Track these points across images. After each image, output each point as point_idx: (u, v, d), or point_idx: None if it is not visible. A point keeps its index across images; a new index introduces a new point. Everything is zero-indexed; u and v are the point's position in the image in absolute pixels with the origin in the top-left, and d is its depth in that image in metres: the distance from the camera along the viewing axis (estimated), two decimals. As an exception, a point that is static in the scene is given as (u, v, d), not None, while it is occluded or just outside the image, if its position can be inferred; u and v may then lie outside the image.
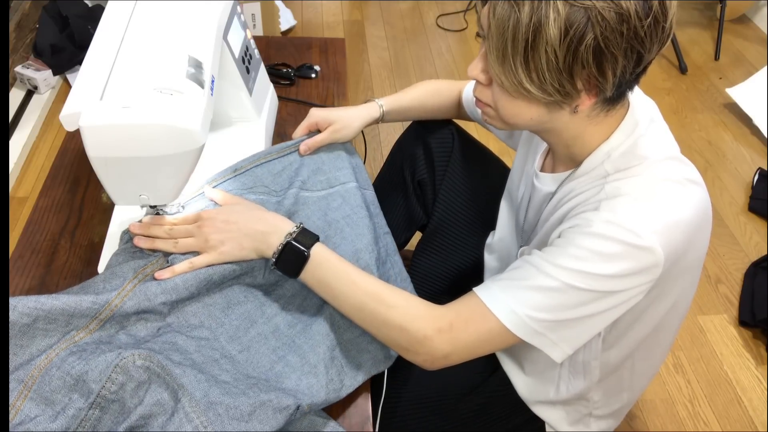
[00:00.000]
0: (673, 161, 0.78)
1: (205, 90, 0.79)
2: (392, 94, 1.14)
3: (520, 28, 0.66)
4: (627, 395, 0.96)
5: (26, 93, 2.17)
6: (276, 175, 1.01)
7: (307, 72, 1.37)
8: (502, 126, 0.81)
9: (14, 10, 2.13)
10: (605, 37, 0.65)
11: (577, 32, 0.65)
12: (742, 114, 2.36)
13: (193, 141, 0.75)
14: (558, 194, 0.86)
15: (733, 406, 1.53)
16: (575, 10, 0.64)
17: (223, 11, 0.96)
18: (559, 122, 0.77)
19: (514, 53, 0.68)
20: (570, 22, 0.65)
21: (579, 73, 0.68)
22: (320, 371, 0.82)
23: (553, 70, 0.68)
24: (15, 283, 0.93)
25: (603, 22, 0.65)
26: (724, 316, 1.73)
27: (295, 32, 2.68)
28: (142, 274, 0.84)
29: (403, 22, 2.87)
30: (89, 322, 0.79)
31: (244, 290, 0.87)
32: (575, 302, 0.73)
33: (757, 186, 2.06)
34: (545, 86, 0.70)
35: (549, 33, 0.65)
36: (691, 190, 0.76)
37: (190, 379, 0.74)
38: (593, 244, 0.72)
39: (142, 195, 0.83)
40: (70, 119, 0.74)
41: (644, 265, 0.72)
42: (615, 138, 0.78)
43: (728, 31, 2.81)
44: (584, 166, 0.81)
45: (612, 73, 0.69)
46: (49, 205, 1.05)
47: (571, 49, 0.66)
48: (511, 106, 0.75)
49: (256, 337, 0.84)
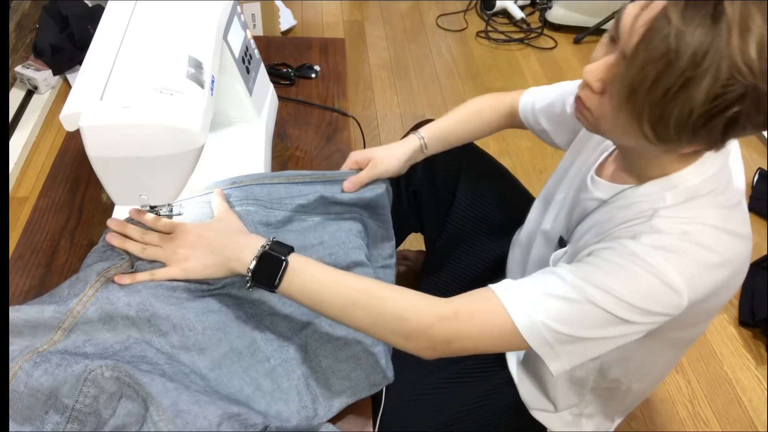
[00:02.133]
0: (729, 210, 0.74)
1: (205, 90, 0.79)
2: (435, 124, 1.10)
3: (669, 75, 0.59)
4: (617, 406, 0.97)
5: (26, 93, 2.17)
6: (273, 196, 0.98)
7: (307, 72, 1.37)
8: (592, 130, 0.76)
9: (14, 10, 2.13)
10: (748, 114, 0.60)
11: (724, 102, 0.59)
12: (742, 114, 2.36)
13: (193, 141, 0.75)
14: (609, 205, 0.81)
15: (733, 406, 1.53)
16: (735, 81, 0.58)
17: (223, 11, 0.96)
18: (649, 149, 0.72)
19: (648, 94, 0.62)
20: (724, 91, 0.58)
21: (703, 134, 0.63)
22: (292, 398, 0.80)
23: (680, 126, 0.62)
24: (15, 283, 0.93)
25: (756, 100, 0.59)
26: (724, 316, 1.73)
27: (295, 32, 2.68)
28: (105, 277, 0.82)
29: (403, 22, 2.87)
30: (53, 332, 0.78)
31: (219, 300, 0.85)
32: (592, 322, 0.71)
33: (757, 186, 2.06)
34: (662, 134, 0.64)
35: (696, 93, 0.59)
36: (734, 242, 0.73)
37: (158, 388, 0.72)
38: (627, 268, 0.69)
39: (142, 195, 0.83)
40: (70, 119, 0.74)
41: (667, 304, 0.70)
42: (689, 170, 0.73)
43: (728, 31, 2.81)
44: (648, 186, 0.76)
45: (733, 137, 0.65)
46: (49, 205, 1.05)
47: (710, 116, 0.61)
48: (616, 129, 0.70)
49: (228, 353, 0.81)
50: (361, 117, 2.31)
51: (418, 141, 1.07)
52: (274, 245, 0.80)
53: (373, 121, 2.31)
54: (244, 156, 1.07)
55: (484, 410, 0.98)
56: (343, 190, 1.01)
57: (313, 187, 1.00)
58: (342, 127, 1.27)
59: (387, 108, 2.38)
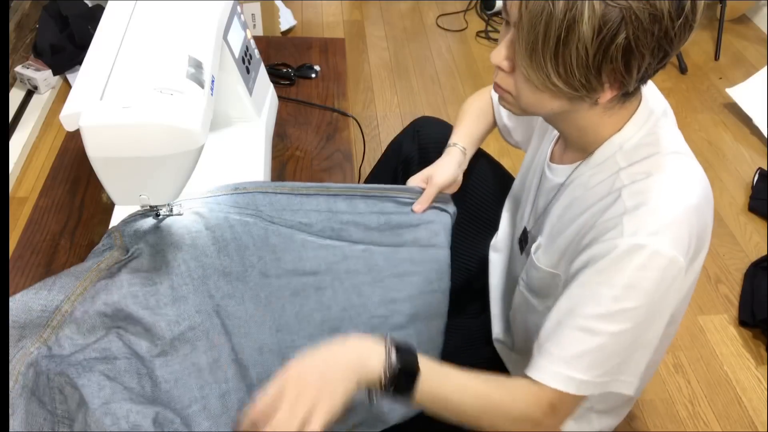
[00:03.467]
0: (679, 155, 0.79)
1: (205, 90, 0.79)
2: (460, 130, 1.14)
3: (554, 24, 0.66)
4: (623, 397, 0.96)
5: (26, 93, 2.17)
6: (275, 206, 0.95)
7: (307, 72, 1.37)
8: (519, 112, 0.81)
9: (14, 10, 2.13)
10: (637, 37, 0.66)
11: (610, 31, 0.65)
12: (742, 114, 2.36)
13: (193, 141, 0.75)
14: (569, 186, 0.86)
15: (733, 406, 1.53)
16: (610, 9, 0.64)
17: (223, 11, 0.96)
18: (576, 113, 0.78)
19: (544, 48, 0.68)
20: (604, 20, 0.65)
21: (606, 69, 0.69)
22: None
23: (582, 66, 0.68)
24: (15, 283, 0.93)
25: (636, 22, 0.65)
26: (724, 316, 1.73)
27: (295, 32, 2.68)
28: (96, 272, 0.83)
29: (403, 22, 2.87)
30: (42, 330, 0.79)
31: (198, 308, 0.82)
32: (627, 344, 0.75)
33: (757, 186, 2.06)
34: (572, 81, 0.70)
35: (582, 30, 0.65)
36: (698, 186, 0.78)
37: (91, 389, 0.72)
38: (624, 279, 0.72)
39: (142, 195, 0.83)
40: (70, 119, 0.74)
41: (674, 278, 0.73)
42: (627, 130, 0.79)
43: (728, 31, 2.81)
44: (596, 156, 0.81)
45: (637, 70, 0.69)
46: (49, 205, 1.05)
47: (602, 47, 0.66)
48: (534, 96, 0.75)
49: (189, 366, 0.79)
50: (361, 117, 2.31)
51: (458, 149, 1.12)
52: (400, 352, 0.73)
53: (373, 121, 2.31)
54: (244, 156, 1.07)
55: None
56: (414, 212, 1.03)
57: (316, 200, 0.97)
58: (342, 127, 1.27)
59: (387, 108, 2.38)
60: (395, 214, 1.01)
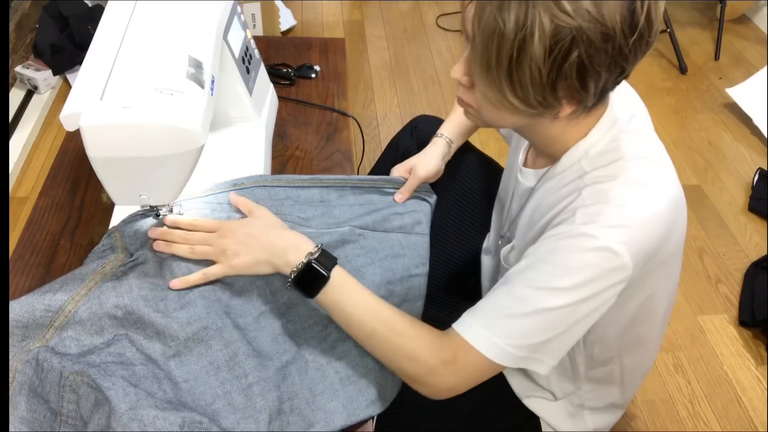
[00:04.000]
0: (644, 160, 0.78)
1: (205, 90, 0.79)
2: (449, 122, 1.18)
3: (505, 44, 0.66)
4: (618, 389, 0.96)
5: (26, 93, 2.17)
6: (273, 199, 0.99)
7: (307, 72, 1.37)
8: (483, 125, 0.83)
9: (14, 10, 2.13)
10: (590, 55, 0.65)
11: (561, 50, 0.65)
12: (742, 114, 2.36)
13: (193, 141, 0.75)
14: (538, 190, 0.87)
15: (733, 406, 1.53)
16: (561, 28, 0.63)
17: (223, 11, 0.96)
18: (539, 125, 0.78)
19: (498, 67, 0.68)
20: (555, 40, 0.64)
21: (562, 87, 0.69)
22: (262, 420, 0.78)
23: (537, 84, 0.68)
24: (15, 283, 0.93)
25: (588, 41, 0.64)
26: (724, 316, 1.73)
27: (295, 32, 2.68)
28: (101, 274, 0.84)
29: (403, 22, 2.87)
30: (45, 330, 0.79)
31: (207, 309, 0.83)
32: (555, 321, 0.75)
33: (757, 186, 2.06)
34: (528, 99, 0.70)
35: (534, 50, 0.65)
36: (659, 191, 0.76)
37: (117, 392, 0.72)
38: (565, 258, 0.73)
39: (142, 195, 0.83)
40: (70, 119, 0.74)
41: (610, 267, 0.73)
42: (592, 136, 0.79)
43: (728, 31, 2.81)
44: (562, 162, 0.82)
45: (594, 85, 0.69)
46: (49, 205, 1.05)
47: (555, 66, 0.66)
48: (494, 112, 0.76)
49: (207, 365, 0.80)
50: (361, 117, 2.31)
51: (443, 140, 1.15)
52: (320, 256, 0.84)
53: (373, 121, 2.31)
54: (244, 156, 1.07)
55: (482, 411, 0.98)
56: (396, 201, 1.08)
57: (311, 192, 1.02)
58: (342, 127, 1.27)
59: (387, 108, 2.38)
60: (382, 203, 1.07)
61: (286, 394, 0.82)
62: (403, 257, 1.01)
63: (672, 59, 2.64)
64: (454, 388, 0.80)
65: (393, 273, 0.98)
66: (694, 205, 2.03)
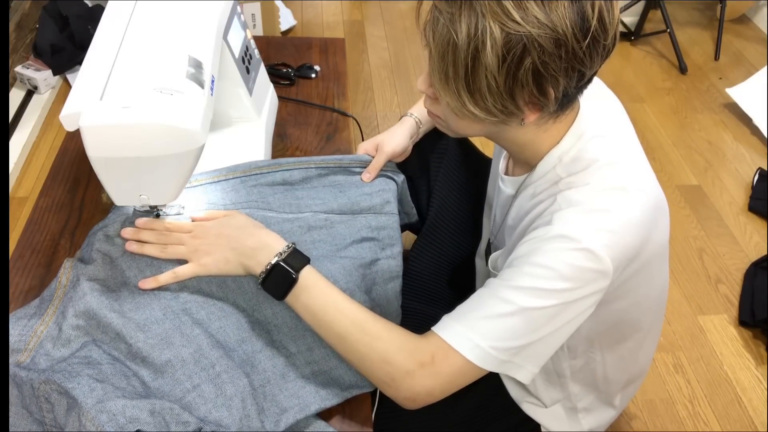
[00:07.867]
0: (617, 165, 0.77)
1: (205, 90, 0.79)
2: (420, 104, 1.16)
3: (459, 54, 0.66)
4: (605, 388, 0.96)
5: (26, 93, 2.17)
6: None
7: (307, 72, 1.37)
8: (452, 134, 0.83)
9: (14, 10, 2.13)
10: (543, 62, 0.65)
11: (514, 58, 0.65)
12: (742, 114, 2.36)
13: (193, 141, 0.75)
14: (518, 198, 0.87)
15: (733, 406, 1.53)
16: (511, 36, 0.64)
17: (223, 11, 0.96)
18: (507, 132, 0.78)
19: (455, 77, 0.69)
20: (507, 48, 0.64)
21: (520, 94, 0.69)
22: (235, 405, 0.78)
23: (494, 93, 0.68)
24: (15, 283, 0.93)
25: (540, 47, 0.64)
26: (724, 316, 1.73)
27: (295, 32, 2.68)
28: (62, 289, 0.85)
29: (403, 22, 2.87)
30: (20, 354, 0.80)
31: (163, 310, 0.84)
32: (537, 324, 0.74)
33: (757, 186, 2.06)
34: (488, 107, 0.71)
35: (487, 59, 0.65)
36: (634, 195, 0.76)
37: (82, 390, 0.72)
38: (545, 260, 0.73)
39: (142, 195, 0.83)
40: (70, 119, 0.74)
41: (594, 272, 0.72)
42: (565, 142, 0.79)
43: (728, 31, 2.81)
44: (538, 170, 0.82)
45: (553, 91, 0.69)
46: (49, 205, 1.05)
47: (510, 74, 0.66)
48: (459, 122, 0.77)
49: (171, 360, 0.80)
50: (361, 117, 2.31)
51: (412, 120, 1.14)
52: (289, 257, 0.82)
53: (373, 121, 2.31)
54: (244, 156, 1.07)
55: (482, 412, 0.98)
56: (363, 181, 1.06)
57: (272, 176, 1.02)
58: (342, 127, 1.27)
59: (387, 108, 2.38)
60: (348, 183, 1.06)
61: (257, 381, 0.82)
62: (372, 240, 1.00)
63: (672, 59, 2.64)
64: (432, 392, 0.77)
65: (363, 257, 0.97)
66: (694, 205, 2.03)
